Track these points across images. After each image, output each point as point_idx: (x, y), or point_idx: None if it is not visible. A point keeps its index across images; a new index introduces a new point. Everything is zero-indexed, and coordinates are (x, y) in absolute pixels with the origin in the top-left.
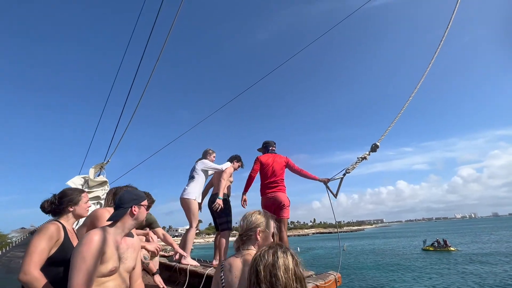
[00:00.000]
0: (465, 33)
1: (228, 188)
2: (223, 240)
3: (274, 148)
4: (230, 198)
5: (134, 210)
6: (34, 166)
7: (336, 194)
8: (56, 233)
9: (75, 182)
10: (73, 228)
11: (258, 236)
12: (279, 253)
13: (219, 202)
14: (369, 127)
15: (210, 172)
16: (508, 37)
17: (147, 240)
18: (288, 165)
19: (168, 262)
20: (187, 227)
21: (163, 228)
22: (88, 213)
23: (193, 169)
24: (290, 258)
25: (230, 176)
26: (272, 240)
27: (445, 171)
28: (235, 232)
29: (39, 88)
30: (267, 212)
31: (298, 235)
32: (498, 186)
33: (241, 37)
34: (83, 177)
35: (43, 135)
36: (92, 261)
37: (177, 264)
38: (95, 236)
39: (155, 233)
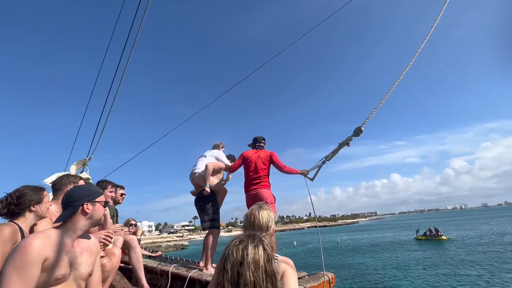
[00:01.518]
0: (455, 28)
1: (219, 184)
2: (210, 240)
3: (262, 144)
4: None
5: (87, 208)
6: (8, 161)
7: (313, 178)
8: (13, 236)
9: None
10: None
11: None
12: (249, 249)
13: (207, 189)
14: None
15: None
16: (498, 34)
17: (125, 243)
18: (271, 160)
19: (149, 264)
20: (183, 223)
21: (158, 225)
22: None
23: (206, 152)
24: (261, 252)
25: (219, 173)
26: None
27: (437, 163)
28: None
29: (16, 79)
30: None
31: (294, 229)
32: (489, 178)
33: (235, 31)
34: (64, 175)
35: (21, 128)
36: (28, 269)
37: (159, 266)
38: (34, 240)
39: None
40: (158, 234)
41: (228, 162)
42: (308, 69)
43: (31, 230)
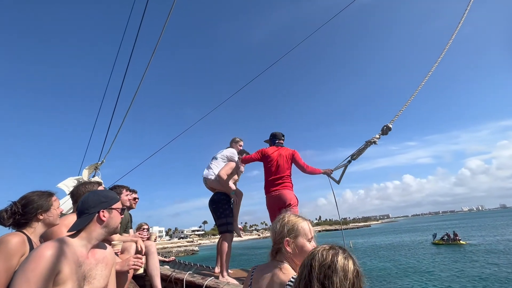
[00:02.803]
0: (466, 24)
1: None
2: (225, 245)
3: (281, 141)
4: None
5: (103, 216)
6: (22, 169)
7: (339, 180)
8: (20, 247)
9: (68, 184)
10: (40, 241)
11: (287, 248)
12: (340, 257)
13: (233, 196)
14: (367, 123)
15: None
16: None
17: (137, 250)
18: (293, 159)
19: (163, 272)
20: (193, 228)
21: (169, 230)
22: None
23: (218, 153)
24: (351, 265)
25: (235, 171)
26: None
27: (452, 163)
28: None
29: (28, 86)
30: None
31: None
32: (507, 177)
33: (241, 34)
34: (76, 179)
35: (33, 136)
36: (40, 283)
37: (173, 273)
38: (47, 251)
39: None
40: (169, 240)
41: (235, 159)
42: (312, 70)
43: (47, 237)
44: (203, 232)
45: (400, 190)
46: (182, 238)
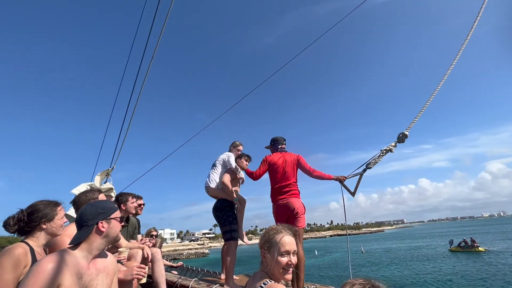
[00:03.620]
0: (482, 23)
1: (237, 195)
2: (229, 253)
3: (284, 146)
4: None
5: (102, 227)
6: (38, 174)
7: (354, 192)
8: (23, 259)
9: (81, 190)
10: (44, 250)
11: (263, 258)
12: None
13: (236, 203)
14: (379, 126)
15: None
16: None
17: (143, 257)
18: (299, 164)
19: (169, 278)
20: (204, 231)
21: (180, 232)
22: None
23: (216, 160)
24: None
25: (236, 176)
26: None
27: (472, 167)
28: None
29: (38, 91)
30: (283, 227)
31: (315, 237)
32: None
33: (251, 39)
34: (89, 185)
35: (42, 141)
36: None
37: (179, 280)
38: (47, 264)
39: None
40: (180, 242)
41: (233, 165)
42: (322, 74)
43: (51, 247)
44: (214, 235)
45: (416, 195)
46: (193, 240)
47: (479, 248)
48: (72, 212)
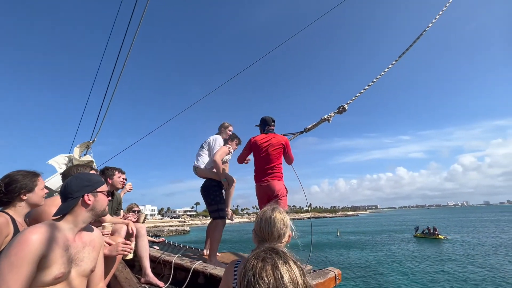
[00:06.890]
0: (470, 20)
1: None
2: (216, 231)
3: (272, 127)
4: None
5: (88, 200)
6: (13, 144)
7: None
8: (4, 227)
9: (58, 161)
10: (25, 221)
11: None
12: (282, 269)
13: (225, 183)
14: (368, 115)
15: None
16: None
17: (128, 232)
18: (284, 149)
19: (152, 253)
20: (185, 208)
21: (161, 209)
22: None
23: (204, 142)
24: (295, 269)
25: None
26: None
27: (447, 159)
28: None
29: (20, 64)
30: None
31: (294, 219)
32: (497, 175)
33: (247, 16)
34: (67, 156)
35: (21, 112)
36: (24, 268)
37: (162, 255)
38: (32, 235)
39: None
40: (161, 219)
41: (215, 150)
42: (316, 56)
43: (37, 217)
44: (195, 213)
45: (392, 182)
46: (174, 217)
47: (439, 235)
48: (50, 183)
